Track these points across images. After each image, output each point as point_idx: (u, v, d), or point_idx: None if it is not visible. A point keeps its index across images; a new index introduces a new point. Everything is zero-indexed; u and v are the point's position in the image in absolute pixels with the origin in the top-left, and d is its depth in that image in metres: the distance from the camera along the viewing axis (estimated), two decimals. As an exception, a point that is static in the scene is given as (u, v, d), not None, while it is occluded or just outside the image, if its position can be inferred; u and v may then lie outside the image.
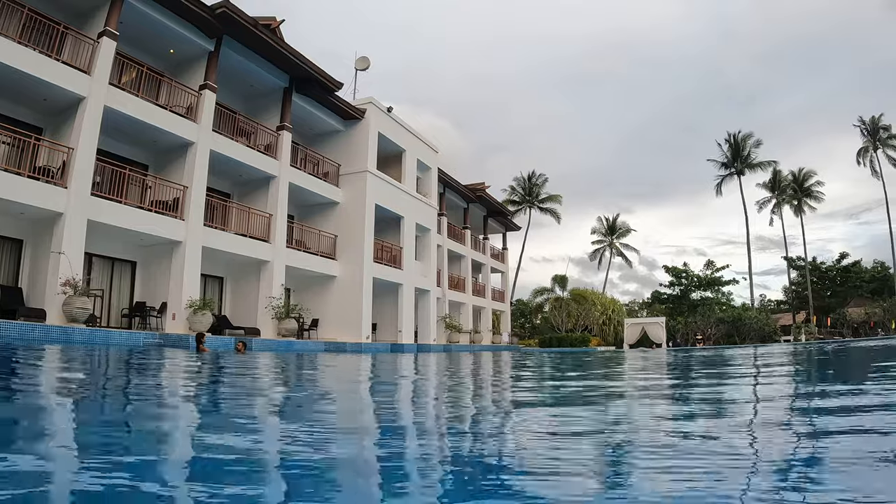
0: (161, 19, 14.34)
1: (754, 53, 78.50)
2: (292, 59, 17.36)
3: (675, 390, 6.19)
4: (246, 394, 5.20)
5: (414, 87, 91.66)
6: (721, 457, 2.36)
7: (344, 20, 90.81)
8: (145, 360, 8.36)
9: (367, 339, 19.67)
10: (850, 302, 45.03)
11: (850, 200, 71.88)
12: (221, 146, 15.85)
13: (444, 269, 27.83)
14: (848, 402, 4.39)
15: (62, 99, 12.38)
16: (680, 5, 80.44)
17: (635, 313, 51.20)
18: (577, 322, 40.80)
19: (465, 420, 3.79)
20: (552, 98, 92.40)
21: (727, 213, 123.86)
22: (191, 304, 14.05)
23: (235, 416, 3.77)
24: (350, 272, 20.19)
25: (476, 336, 30.88)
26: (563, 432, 3.15)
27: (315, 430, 3.12)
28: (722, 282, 48.09)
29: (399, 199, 22.72)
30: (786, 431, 3.03)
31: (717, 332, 39.02)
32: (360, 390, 6.29)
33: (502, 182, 75.57)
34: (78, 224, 11.99)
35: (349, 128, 21.38)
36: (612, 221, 51.31)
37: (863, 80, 71.36)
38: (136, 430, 2.94)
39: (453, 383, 7.25)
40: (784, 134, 76.36)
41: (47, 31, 12.07)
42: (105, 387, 4.97)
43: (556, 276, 46.55)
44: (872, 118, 43.38)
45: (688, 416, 3.84)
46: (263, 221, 17.44)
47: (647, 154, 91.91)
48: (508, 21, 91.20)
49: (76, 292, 11.29)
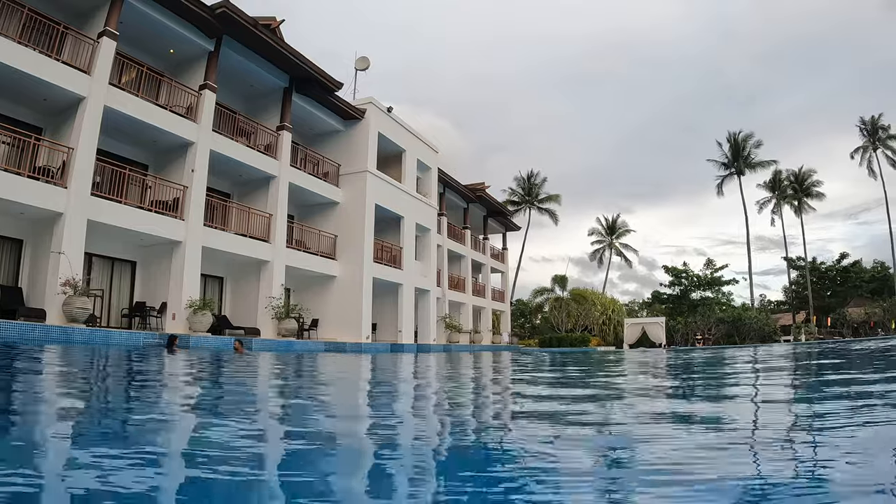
0: (161, 19, 14.33)
1: (754, 53, 78.55)
2: (292, 59, 17.36)
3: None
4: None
5: (414, 87, 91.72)
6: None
7: (344, 20, 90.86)
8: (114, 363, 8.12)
9: (367, 340, 19.67)
10: (850, 302, 45.02)
11: (850, 200, 72.02)
12: (221, 146, 15.84)
13: (444, 269, 27.83)
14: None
15: (62, 99, 12.38)
16: (680, 5, 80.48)
17: (635, 313, 51.19)
18: (577, 322, 40.80)
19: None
20: (552, 98, 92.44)
21: (727, 213, 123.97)
22: (191, 304, 14.05)
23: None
24: (350, 272, 20.19)
25: (476, 336, 30.87)
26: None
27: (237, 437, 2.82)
28: (722, 282, 48.10)
29: (399, 199, 22.72)
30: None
31: (717, 332, 39.01)
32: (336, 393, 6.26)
33: (502, 182, 75.60)
34: (78, 224, 11.99)
35: (349, 128, 21.37)
36: (611, 221, 51.33)
37: (863, 80, 71.42)
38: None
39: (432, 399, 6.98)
40: (784, 134, 76.35)
41: (47, 31, 12.07)
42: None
43: (555, 276, 46.59)
44: (872, 118, 43.41)
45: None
46: (263, 221, 17.44)
47: (647, 154, 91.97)
48: (508, 21, 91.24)
49: (76, 292, 11.29)
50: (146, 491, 1.75)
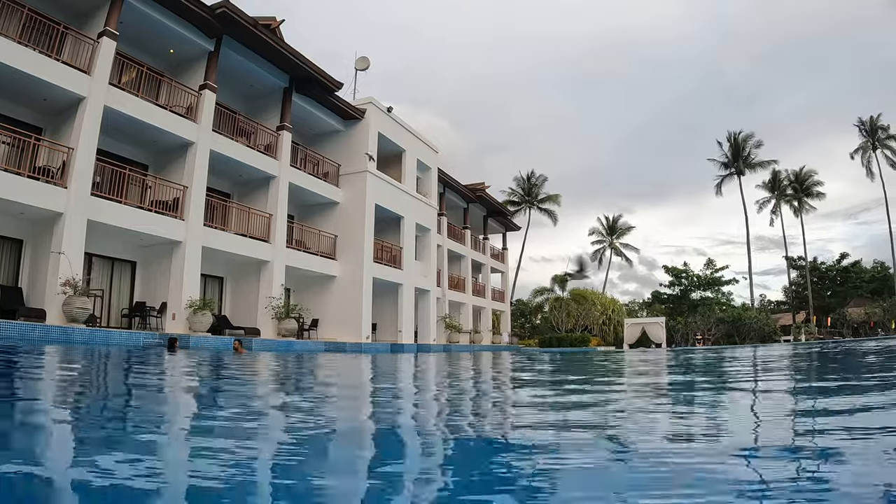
0: (161, 19, 14.34)
1: (754, 53, 78.55)
2: (292, 59, 17.36)
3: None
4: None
5: (414, 87, 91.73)
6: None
7: (344, 20, 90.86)
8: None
9: (367, 340, 19.67)
10: (850, 302, 45.03)
11: (850, 200, 72.07)
12: (221, 146, 15.85)
13: (444, 269, 27.83)
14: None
15: (62, 99, 12.38)
16: (680, 5, 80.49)
17: (635, 313, 51.20)
18: (577, 322, 40.80)
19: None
20: (552, 98, 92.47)
21: (727, 213, 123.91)
22: (191, 304, 14.05)
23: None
24: (350, 272, 20.19)
25: (476, 336, 30.87)
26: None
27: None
28: (722, 282, 48.11)
29: (399, 199, 22.72)
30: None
31: (717, 332, 39.02)
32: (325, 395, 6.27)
33: (502, 182, 75.65)
34: (78, 224, 11.99)
35: (349, 128, 21.38)
36: (612, 221, 51.33)
37: (863, 79, 71.40)
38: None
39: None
40: (784, 134, 76.34)
41: (47, 31, 12.07)
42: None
43: (555, 275, 46.54)
44: (871, 118, 43.40)
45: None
46: (263, 221, 17.44)
47: (647, 154, 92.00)
48: (508, 21, 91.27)
49: (76, 292, 11.29)
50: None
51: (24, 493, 1.68)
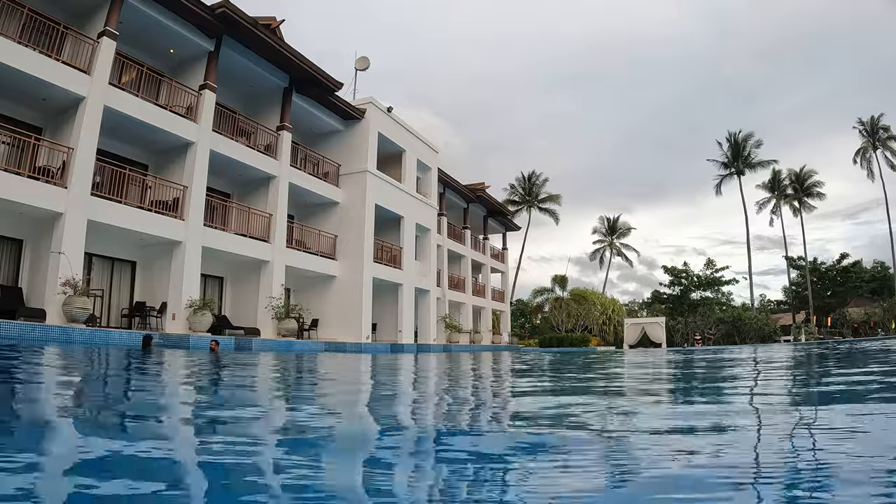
0: (161, 19, 14.33)
1: (754, 53, 78.62)
2: (292, 59, 17.36)
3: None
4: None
5: (414, 86, 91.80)
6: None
7: (344, 20, 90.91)
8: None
9: (367, 340, 19.66)
10: (850, 302, 45.03)
11: (850, 200, 72.15)
12: (221, 146, 15.84)
13: (444, 269, 27.83)
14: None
15: (62, 99, 12.37)
16: (679, 5, 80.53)
17: (635, 313, 51.22)
18: (577, 322, 40.80)
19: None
20: (552, 97, 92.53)
21: (727, 213, 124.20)
22: (191, 304, 14.05)
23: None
24: (350, 272, 20.18)
25: (476, 336, 30.86)
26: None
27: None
28: (722, 282, 48.11)
29: (399, 199, 22.71)
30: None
31: (717, 332, 39.01)
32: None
33: (502, 182, 75.57)
34: (78, 224, 11.99)
35: (349, 128, 21.37)
36: (613, 221, 51.34)
37: (863, 79, 71.45)
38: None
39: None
40: (784, 134, 76.48)
41: (47, 31, 12.06)
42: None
43: (555, 275, 46.55)
44: (871, 118, 43.39)
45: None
46: (263, 221, 17.44)
47: (647, 154, 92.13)
48: (508, 21, 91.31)
49: (76, 292, 11.28)
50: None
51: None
